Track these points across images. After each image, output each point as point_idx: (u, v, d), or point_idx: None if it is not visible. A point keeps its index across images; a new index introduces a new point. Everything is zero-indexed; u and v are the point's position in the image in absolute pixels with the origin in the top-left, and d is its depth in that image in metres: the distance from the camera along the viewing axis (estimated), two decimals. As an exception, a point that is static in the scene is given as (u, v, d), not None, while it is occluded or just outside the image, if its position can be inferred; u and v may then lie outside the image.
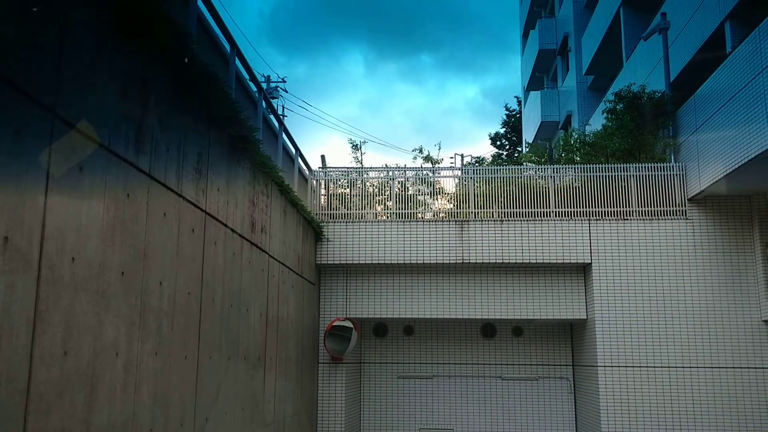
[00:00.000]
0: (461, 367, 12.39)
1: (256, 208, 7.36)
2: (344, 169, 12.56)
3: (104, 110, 3.98)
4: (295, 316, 9.38)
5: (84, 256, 3.72)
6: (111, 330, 4.02)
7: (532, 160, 16.66)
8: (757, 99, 8.60)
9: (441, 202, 12.65)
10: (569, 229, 10.91)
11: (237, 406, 6.62)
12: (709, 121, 10.06)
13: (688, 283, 10.50)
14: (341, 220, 11.42)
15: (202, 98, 5.49)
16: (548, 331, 12.39)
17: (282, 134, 9.94)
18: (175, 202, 5.06)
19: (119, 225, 4.14)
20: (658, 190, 10.97)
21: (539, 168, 12.26)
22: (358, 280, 11.48)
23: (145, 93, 4.52)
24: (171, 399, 4.94)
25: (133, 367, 4.30)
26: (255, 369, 7.26)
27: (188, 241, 5.32)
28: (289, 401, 8.92)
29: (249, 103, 8.38)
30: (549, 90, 26.07)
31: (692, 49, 13.03)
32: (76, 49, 3.64)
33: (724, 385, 10.14)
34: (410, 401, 12.34)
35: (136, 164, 4.37)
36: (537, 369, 12.26)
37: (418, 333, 12.58)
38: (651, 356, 10.34)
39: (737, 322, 10.32)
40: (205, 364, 5.68)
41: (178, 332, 5.07)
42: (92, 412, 3.78)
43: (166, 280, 4.85)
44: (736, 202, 10.65)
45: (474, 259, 10.95)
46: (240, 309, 6.75)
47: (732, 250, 10.54)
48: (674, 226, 10.73)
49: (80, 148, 3.70)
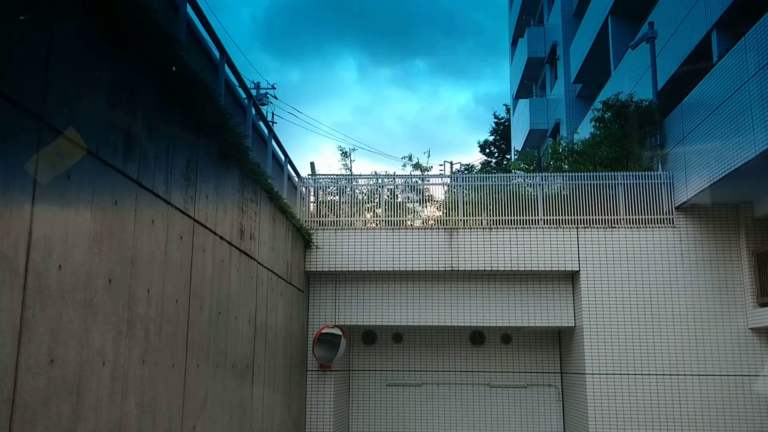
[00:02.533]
0: (450, 374, 12.39)
1: (245, 215, 7.35)
2: (334, 176, 12.57)
3: (92, 117, 3.97)
4: (283, 323, 9.35)
5: (71, 263, 3.70)
6: (98, 338, 4.00)
7: (521, 167, 16.74)
8: (742, 109, 8.68)
9: (430, 210, 12.68)
10: (557, 237, 10.96)
11: (225, 414, 6.58)
12: (695, 130, 10.14)
13: (676, 290, 10.56)
14: (330, 228, 11.42)
15: (190, 105, 5.48)
16: (536, 339, 12.41)
17: (271, 141, 9.93)
18: (164, 209, 5.05)
19: (107, 233, 4.13)
20: (646, 198, 11.04)
21: (528, 176, 12.31)
22: (347, 287, 11.47)
23: (133, 100, 4.51)
24: (158, 407, 4.91)
25: (120, 375, 4.27)
26: (243, 377, 7.23)
27: (176, 248, 5.31)
28: (277, 409, 8.88)
29: (238, 109, 8.37)
30: (537, 98, 26.19)
31: (679, 58, 13.14)
32: (63, 57, 3.63)
33: (711, 393, 10.19)
34: (399, 408, 12.32)
35: (124, 171, 4.36)
36: (525, 376, 12.28)
37: (406, 340, 12.57)
38: (639, 363, 10.38)
39: (724, 330, 10.38)
40: (192, 372, 5.65)
41: (165, 340, 5.05)
42: (78, 420, 3.75)
43: (153, 288, 4.83)
44: (723, 210, 10.73)
45: (463, 267, 10.97)
46: (228, 317, 6.73)
47: (719, 259, 10.61)
48: (661, 234, 10.79)
49: (68, 156, 3.69)
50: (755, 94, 8.39)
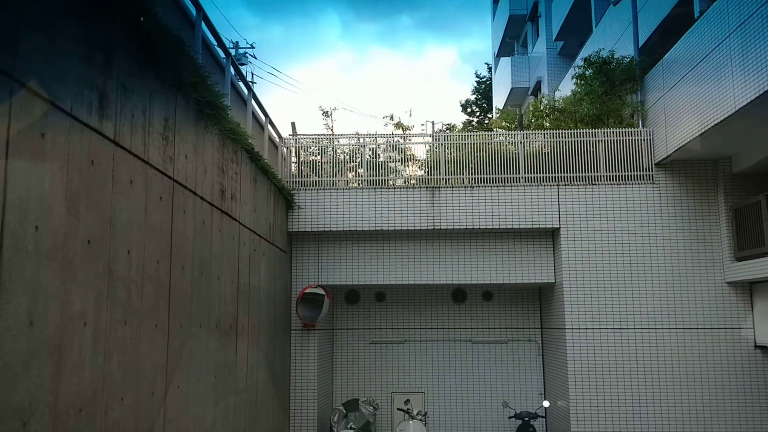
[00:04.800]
0: (432, 331, 12.54)
1: (225, 175, 7.29)
2: (315, 136, 12.46)
3: (66, 75, 3.87)
4: (266, 283, 9.37)
5: (48, 225, 3.65)
6: (78, 299, 3.97)
7: (503, 126, 16.70)
8: (723, 64, 8.69)
9: (412, 169, 12.65)
10: (538, 195, 11.01)
11: (209, 373, 6.62)
12: (676, 86, 10.15)
13: (654, 246, 10.70)
14: (312, 188, 11.37)
15: (167, 63, 5.37)
16: (517, 296, 12.57)
17: (251, 101, 9.80)
18: (142, 169, 4.98)
19: (84, 193, 4.07)
20: (626, 155, 11.10)
21: (509, 134, 12.29)
22: (329, 247, 11.49)
23: (107, 58, 4.40)
24: (141, 367, 4.93)
25: (102, 336, 4.27)
26: (227, 336, 7.26)
27: (156, 209, 5.26)
28: (261, 368, 8.96)
29: (217, 69, 8.22)
30: (519, 56, 26.02)
31: (661, 13, 13.08)
32: (35, 13, 3.53)
33: (688, 345, 10.42)
34: (382, 366, 12.48)
35: (100, 131, 4.28)
36: (506, 332, 12.46)
37: (389, 299, 12.67)
38: (617, 318, 10.56)
39: (701, 284, 10.56)
40: (175, 332, 5.66)
41: (147, 301, 5.04)
42: (61, 381, 3.75)
43: (134, 249, 4.80)
44: (702, 166, 10.82)
45: (445, 226, 11.01)
46: (211, 277, 6.72)
47: (697, 214, 10.74)
48: (641, 190, 10.88)
49: (41, 115, 3.61)
50: (736, 49, 8.39)
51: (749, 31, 8.12)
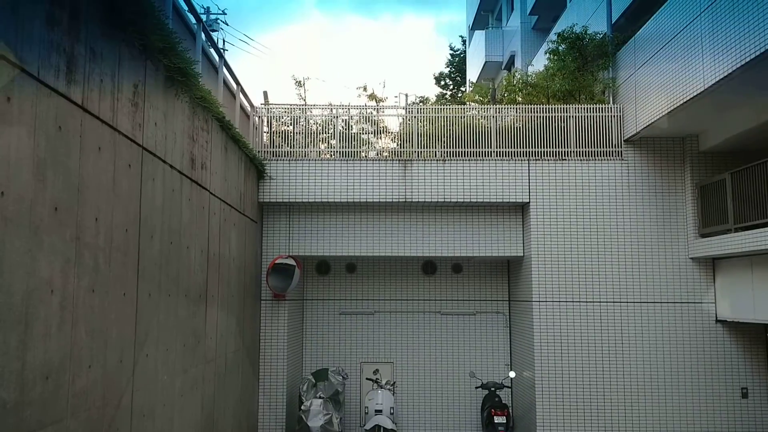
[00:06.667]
0: (402, 303, 12.64)
1: (195, 144, 7.21)
2: (287, 105, 12.34)
3: (31, 38, 3.78)
4: (237, 253, 9.34)
5: (14, 190, 3.59)
6: (45, 267, 3.93)
7: (476, 100, 16.71)
8: (693, 43, 8.78)
9: (385, 141, 12.63)
10: (509, 169, 11.09)
11: (178, 342, 6.62)
12: (647, 63, 10.24)
13: (621, 221, 10.88)
14: (284, 158, 11.30)
15: (136, 27, 5.27)
16: (486, 268, 12.71)
17: (222, 68, 9.66)
18: (110, 136, 4.91)
19: (51, 159, 4.00)
20: (596, 131, 11.21)
21: (482, 108, 12.31)
22: (301, 218, 11.47)
23: (74, 21, 4.30)
24: (109, 336, 4.90)
25: (69, 305, 4.23)
26: (196, 306, 7.25)
27: (124, 176, 5.19)
28: (231, 337, 8.97)
29: (188, 35, 8.08)
30: (493, 29, 25.94)
31: (634, -10, 13.11)
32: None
33: (652, 318, 10.67)
34: (352, 336, 12.58)
35: (67, 96, 4.20)
36: (475, 304, 12.62)
37: (360, 270, 12.72)
38: (584, 291, 10.75)
39: (666, 260, 10.79)
40: (144, 301, 5.63)
41: (115, 269, 5.00)
42: (27, 349, 3.72)
43: (102, 217, 4.74)
44: (670, 143, 10.98)
45: (416, 199, 11.05)
46: (180, 246, 6.68)
47: (664, 191, 10.93)
48: (610, 166, 11.02)
49: (6, 78, 3.53)
50: (706, 28, 8.48)
51: (718, 11, 8.20)
